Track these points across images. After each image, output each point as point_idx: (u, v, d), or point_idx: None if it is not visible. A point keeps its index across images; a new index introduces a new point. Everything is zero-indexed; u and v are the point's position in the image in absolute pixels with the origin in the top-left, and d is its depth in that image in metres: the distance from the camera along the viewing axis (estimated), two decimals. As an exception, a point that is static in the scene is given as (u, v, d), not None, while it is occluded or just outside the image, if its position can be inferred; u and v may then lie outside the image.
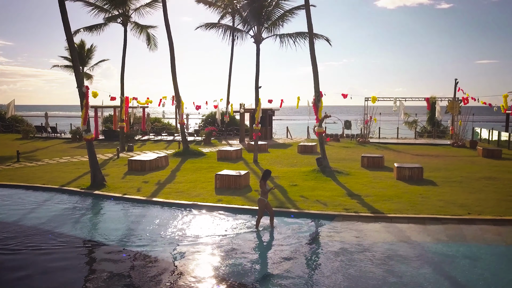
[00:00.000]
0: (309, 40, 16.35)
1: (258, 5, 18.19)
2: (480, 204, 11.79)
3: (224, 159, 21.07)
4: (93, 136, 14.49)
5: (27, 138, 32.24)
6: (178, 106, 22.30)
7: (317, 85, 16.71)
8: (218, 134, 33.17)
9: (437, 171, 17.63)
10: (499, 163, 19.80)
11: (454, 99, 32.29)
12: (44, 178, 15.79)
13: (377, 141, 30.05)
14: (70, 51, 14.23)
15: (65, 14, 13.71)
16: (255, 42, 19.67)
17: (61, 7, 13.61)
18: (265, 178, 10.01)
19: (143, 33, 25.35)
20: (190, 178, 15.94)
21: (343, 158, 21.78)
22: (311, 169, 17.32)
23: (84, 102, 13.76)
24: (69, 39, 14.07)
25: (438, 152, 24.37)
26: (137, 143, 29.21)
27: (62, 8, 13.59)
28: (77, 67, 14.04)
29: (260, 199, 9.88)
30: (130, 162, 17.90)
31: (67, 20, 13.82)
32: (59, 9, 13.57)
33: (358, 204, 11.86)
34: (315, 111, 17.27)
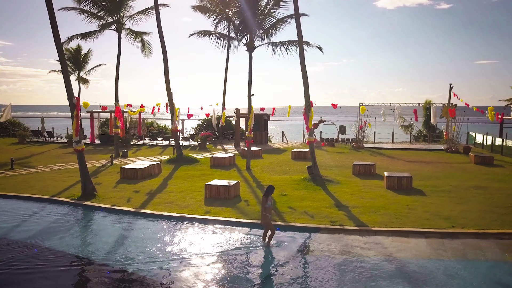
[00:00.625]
0: (299, 50, 16.45)
1: (250, 14, 18.29)
2: (465, 216, 11.91)
3: (217, 166, 21.18)
4: (83, 147, 14.58)
5: (23, 143, 32.34)
6: (172, 113, 22.37)
7: (307, 95, 16.82)
8: (214, 139, 33.28)
9: (427, 179, 17.76)
10: (490, 171, 19.93)
11: (448, 104, 32.45)
12: (36, 187, 15.90)
13: (371, 146, 30.16)
14: (60, 63, 14.23)
15: (55, 26, 13.80)
16: (248, 50, 19.76)
17: (51, 20, 13.71)
18: (268, 194, 9.71)
19: (138, 39, 25.45)
20: (181, 187, 16.05)
21: (336, 165, 21.90)
22: (302, 178, 17.43)
23: (75, 113, 13.87)
24: (59, 51, 14.15)
25: (431, 158, 24.49)
26: (132, 148, 29.32)
27: (52, 22, 13.68)
28: (68, 79, 14.14)
29: (263, 215, 9.66)
30: (123, 170, 18.01)
31: (57, 33, 13.92)
32: (50, 22, 13.66)
33: (345, 216, 11.98)
34: (305, 121, 17.38)
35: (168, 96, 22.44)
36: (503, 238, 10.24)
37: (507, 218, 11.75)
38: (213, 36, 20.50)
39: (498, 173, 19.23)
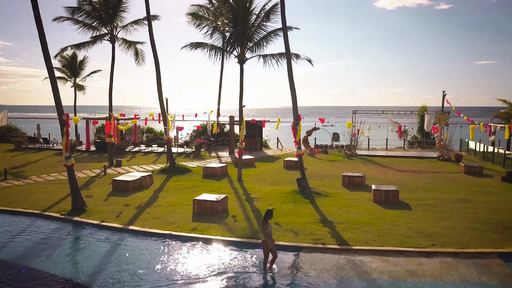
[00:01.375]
0: (287, 63, 16.66)
1: (241, 28, 18.50)
2: (445, 234, 12.13)
3: (209, 176, 21.40)
4: (73, 162, 14.78)
5: (19, 150, 32.55)
6: (165, 123, 22.58)
7: (296, 108, 17.05)
8: (209, 145, 33.50)
9: (415, 191, 17.99)
10: (479, 181, 20.15)
11: (442, 111, 32.66)
12: (28, 201, 16.12)
13: (365, 153, 30.35)
14: (50, 80, 14.41)
15: (45, 45, 14.00)
16: (239, 62, 19.98)
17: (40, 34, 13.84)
18: (267, 218, 9.61)
19: (132, 48, 25.67)
20: (171, 201, 16.27)
21: (327, 175, 22.12)
22: (292, 190, 17.64)
23: (65, 130, 14.09)
24: (49, 68, 14.28)
25: (422, 167, 24.71)
26: (127, 155, 29.53)
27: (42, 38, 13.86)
28: (57, 96, 14.33)
29: (263, 241, 9.60)
30: (114, 182, 18.23)
31: (47, 51, 14.09)
32: (39, 40, 13.86)
33: (328, 234, 12.20)
34: (294, 134, 17.60)
35: (160, 106, 22.65)
36: (480, 258, 10.46)
37: (486, 236, 11.97)
38: (205, 48, 20.69)
39: (486, 184, 19.45)
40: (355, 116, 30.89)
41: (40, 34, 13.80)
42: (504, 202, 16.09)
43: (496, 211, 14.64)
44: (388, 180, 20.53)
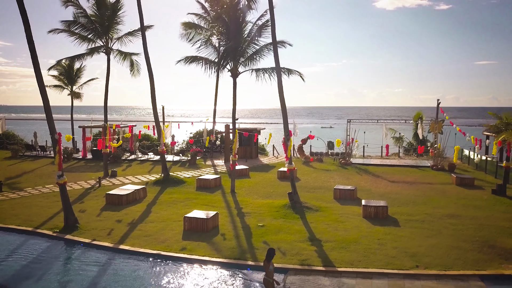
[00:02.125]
0: (277, 78, 16.84)
1: (233, 44, 18.70)
2: (430, 253, 12.33)
3: (202, 188, 21.60)
4: (66, 180, 14.97)
5: (16, 157, 32.75)
6: (158, 136, 22.79)
7: (286, 124, 17.26)
8: (205, 153, 33.71)
9: (405, 205, 18.20)
10: (469, 194, 20.35)
11: (436, 119, 32.87)
12: (22, 216, 16.31)
13: (359, 162, 30.54)
14: (42, 99, 14.59)
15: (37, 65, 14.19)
16: (232, 76, 20.19)
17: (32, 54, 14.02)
18: (269, 258, 9.50)
19: (127, 59, 25.87)
20: (163, 216, 16.45)
21: (319, 186, 22.32)
22: (283, 204, 17.84)
23: (57, 148, 14.29)
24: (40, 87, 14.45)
25: (415, 177, 24.92)
26: (123, 164, 29.70)
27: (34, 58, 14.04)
28: (50, 115, 14.53)
29: (264, 279, 9.56)
30: (108, 196, 18.43)
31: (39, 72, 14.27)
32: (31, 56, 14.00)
33: (315, 253, 12.39)
34: (284, 150, 17.80)
35: (155, 118, 22.84)
36: (462, 280, 10.66)
37: (471, 256, 12.17)
38: (200, 62, 20.89)
39: (476, 197, 19.65)
40: (350, 124, 31.06)
41: (32, 54, 13.99)
42: (491, 217, 16.29)
43: (483, 228, 14.85)
44: (380, 193, 20.74)
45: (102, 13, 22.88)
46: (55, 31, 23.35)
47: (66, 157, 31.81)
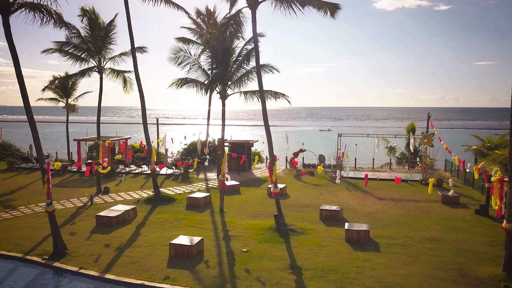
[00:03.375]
0: (261, 104, 17.25)
1: (221, 70, 19.15)
2: (405, 283, 12.75)
3: (192, 206, 22.03)
4: (55, 208, 15.38)
5: (11, 170, 33.18)
6: (149, 155, 23.21)
7: (271, 149, 17.68)
8: (199, 166, 34.12)
9: (388, 227, 18.63)
10: (453, 214, 20.76)
11: (426, 132, 33.32)
12: (12, 240, 16.72)
13: (350, 176, 30.92)
14: (31, 128, 15.00)
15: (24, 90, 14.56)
16: (221, 98, 20.64)
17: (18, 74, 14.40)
18: None
19: (120, 77, 26.31)
20: (151, 239, 16.86)
21: (307, 204, 22.74)
22: (269, 226, 18.26)
23: (46, 178, 14.72)
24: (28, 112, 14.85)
25: (402, 194, 25.34)
26: (117, 178, 30.09)
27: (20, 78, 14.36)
28: (39, 147, 14.94)
29: None
30: (98, 218, 18.86)
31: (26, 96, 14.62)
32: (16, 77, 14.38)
33: (294, 284, 12.81)
34: (270, 174, 18.22)
35: (145, 136, 23.26)
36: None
37: (444, 286, 12.60)
38: (190, 85, 21.31)
39: (459, 218, 20.06)
40: (340, 138, 31.47)
41: (17, 74, 14.39)
42: (471, 241, 16.71)
43: (460, 254, 15.27)
44: (366, 212, 21.17)
45: (95, 34, 23.32)
46: (48, 51, 23.77)
47: (61, 170, 32.26)
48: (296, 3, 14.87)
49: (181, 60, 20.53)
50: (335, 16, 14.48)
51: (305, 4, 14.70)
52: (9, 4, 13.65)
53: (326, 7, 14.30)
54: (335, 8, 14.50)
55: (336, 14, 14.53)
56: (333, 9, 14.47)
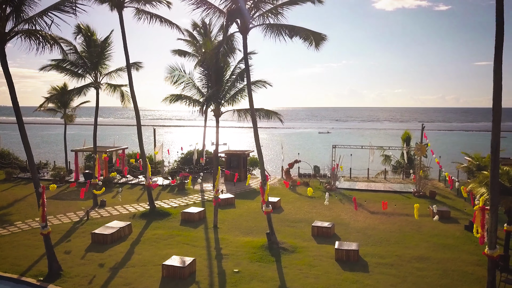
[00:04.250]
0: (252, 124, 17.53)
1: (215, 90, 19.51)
2: (390, 308, 13.10)
3: (186, 222, 22.35)
4: (49, 230, 15.72)
5: (10, 180, 33.53)
6: (145, 170, 23.53)
7: (263, 169, 18.02)
8: (195, 176, 34.48)
9: (378, 244, 18.97)
10: (442, 230, 21.10)
11: (420, 143, 33.64)
12: (8, 259, 17.04)
13: (345, 187, 31.26)
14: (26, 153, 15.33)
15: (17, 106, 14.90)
16: (215, 116, 21.01)
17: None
18: None
19: (117, 91, 26.65)
20: (145, 258, 17.18)
21: (300, 219, 23.08)
22: (261, 244, 18.58)
23: (41, 201, 15.06)
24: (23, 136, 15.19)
25: (395, 207, 25.66)
26: (113, 189, 30.42)
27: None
28: (34, 172, 15.29)
29: None
30: (93, 235, 19.20)
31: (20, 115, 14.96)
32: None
33: (281, 307, 13.16)
34: (261, 193, 18.57)
35: (140, 150, 23.59)
36: None
37: (428, 311, 12.94)
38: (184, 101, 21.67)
39: (449, 235, 20.40)
40: (334, 150, 31.82)
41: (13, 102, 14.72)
42: (458, 260, 17.06)
43: (447, 275, 15.61)
44: (357, 228, 21.51)
45: (91, 51, 23.67)
46: (45, 68, 24.12)
47: (59, 180, 32.61)
48: (286, 31, 15.25)
49: (176, 78, 20.89)
50: (319, 47, 14.85)
51: (293, 33, 15.07)
52: (4, 34, 13.96)
53: (312, 38, 14.65)
54: (320, 39, 14.87)
55: (320, 45, 14.89)
56: (319, 39, 14.83)
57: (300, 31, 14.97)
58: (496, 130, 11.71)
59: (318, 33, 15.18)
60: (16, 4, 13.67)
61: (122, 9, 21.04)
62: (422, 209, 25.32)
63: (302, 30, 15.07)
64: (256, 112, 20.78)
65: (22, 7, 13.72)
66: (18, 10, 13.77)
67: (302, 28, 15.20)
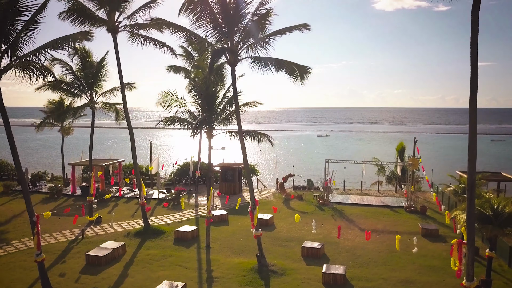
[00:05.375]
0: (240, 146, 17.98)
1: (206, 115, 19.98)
2: (372, 337, 13.55)
3: (180, 241, 22.77)
4: (43, 257, 16.17)
5: (8, 193, 33.97)
6: (139, 189, 23.99)
7: (253, 196, 18.48)
8: (190, 189, 34.95)
9: (366, 266, 19.42)
10: (430, 250, 21.55)
11: (413, 156, 34.10)
12: (5, 282, 17.46)
13: (339, 200, 31.75)
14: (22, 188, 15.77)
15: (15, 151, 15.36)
16: (208, 137, 21.50)
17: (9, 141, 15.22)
18: None
19: (112, 109, 27.11)
20: (137, 282, 17.61)
21: (292, 238, 23.51)
22: (251, 267, 19.03)
23: (35, 230, 15.52)
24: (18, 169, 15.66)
25: (385, 223, 26.14)
26: (109, 204, 30.87)
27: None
28: (28, 199, 15.74)
29: None
30: (87, 257, 19.65)
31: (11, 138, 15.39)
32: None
33: (267, 336, 13.61)
34: (251, 218, 19.03)
35: (135, 172, 24.06)
36: None
37: None
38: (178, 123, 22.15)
39: (435, 255, 20.84)
40: (327, 164, 32.26)
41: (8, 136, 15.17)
42: (442, 284, 17.53)
43: (430, 300, 16.06)
44: (346, 248, 21.94)
45: (87, 72, 24.16)
46: (41, 88, 24.55)
47: (56, 194, 33.07)
48: (273, 64, 15.70)
49: (169, 103, 21.40)
50: (304, 81, 15.32)
51: (279, 67, 15.53)
52: (0, 71, 14.40)
53: (297, 72, 15.10)
54: (305, 72, 15.32)
55: (305, 79, 15.34)
56: (303, 72, 15.27)
57: (286, 64, 15.42)
58: (472, 169, 12.15)
59: (303, 66, 15.64)
60: (11, 42, 14.09)
61: (117, 34, 21.50)
62: (413, 225, 25.86)
63: (287, 63, 15.52)
64: (247, 134, 21.31)
65: (17, 45, 14.14)
66: (13, 48, 14.20)
67: (287, 61, 15.67)
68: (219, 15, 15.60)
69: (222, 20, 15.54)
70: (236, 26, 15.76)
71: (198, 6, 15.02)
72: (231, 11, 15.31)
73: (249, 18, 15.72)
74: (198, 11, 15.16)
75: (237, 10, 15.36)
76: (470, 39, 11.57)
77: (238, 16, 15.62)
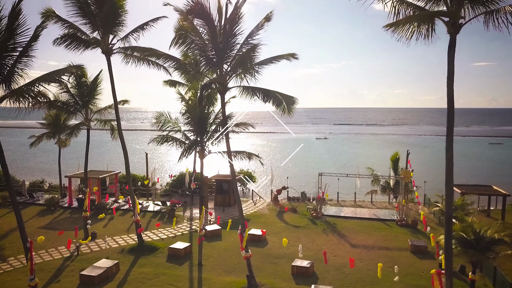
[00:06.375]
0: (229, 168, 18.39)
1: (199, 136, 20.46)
2: None
3: (173, 258, 23.18)
4: (37, 282, 16.59)
5: (5, 205, 34.37)
6: (133, 207, 24.40)
7: (242, 217, 18.90)
8: (185, 201, 35.39)
9: (353, 286, 19.85)
10: (418, 268, 21.91)
11: (405, 169, 34.49)
12: (0, 304, 17.96)
13: (332, 212, 32.14)
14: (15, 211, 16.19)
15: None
16: (200, 157, 21.94)
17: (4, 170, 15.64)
18: None
19: (107, 125, 27.56)
20: (129, 303, 18.10)
21: (283, 254, 23.90)
22: (241, 286, 19.45)
23: (29, 255, 15.94)
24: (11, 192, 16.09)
25: (376, 238, 26.53)
26: (106, 217, 31.29)
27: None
28: (22, 226, 16.18)
29: None
30: (81, 276, 20.08)
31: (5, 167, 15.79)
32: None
33: None
34: (240, 240, 19.45)
35: (129, 191, 24.48)
36: None
37: None
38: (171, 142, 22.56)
39: (423, 274, 21.22)
40: (321, 178, 32.68)
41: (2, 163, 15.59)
42: (427, 305, 17.93)
43: (414, 323, 16.47)
44: (336, 265, 22.34)
45: (82, 91, 24.62)
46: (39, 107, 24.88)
47: (52, 206, 33.48)
48: (261, 93, 16.12)
49: (163, 123, 21.83)
50: (291, 113, 15.71)
51: (267, 98, 15.95)
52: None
53: (284, 104, 15.51)
54: (292, 103, 15.72)
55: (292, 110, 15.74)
56: (290, 103, 15.67)
57: (273, 95, 15.83)
58: (449, 202, 12.57)
59: (290, 96, 16.03)
60: (5, 76, 14.52)
61: (110, 55, 21.92)
62: (403, 241, 26.25)
63: (274, 94, 15.93)
64: (238, 154, 21.74)
65: (11, 79, 14.56)
66: (7, 81, 14.62)
67: (275, 92, 16.07)
68: (208, 46, 16.01)
69: (211, 51, 15.95)
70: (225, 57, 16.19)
71: (188, 39, 15.45)
72: (220, 44, 15.75)
73: (237, 49, 16.17)
74: (188, 43, 15.58)
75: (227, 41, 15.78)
76: (447, 80, 11.99)
77: (227, 46, 16.04)
